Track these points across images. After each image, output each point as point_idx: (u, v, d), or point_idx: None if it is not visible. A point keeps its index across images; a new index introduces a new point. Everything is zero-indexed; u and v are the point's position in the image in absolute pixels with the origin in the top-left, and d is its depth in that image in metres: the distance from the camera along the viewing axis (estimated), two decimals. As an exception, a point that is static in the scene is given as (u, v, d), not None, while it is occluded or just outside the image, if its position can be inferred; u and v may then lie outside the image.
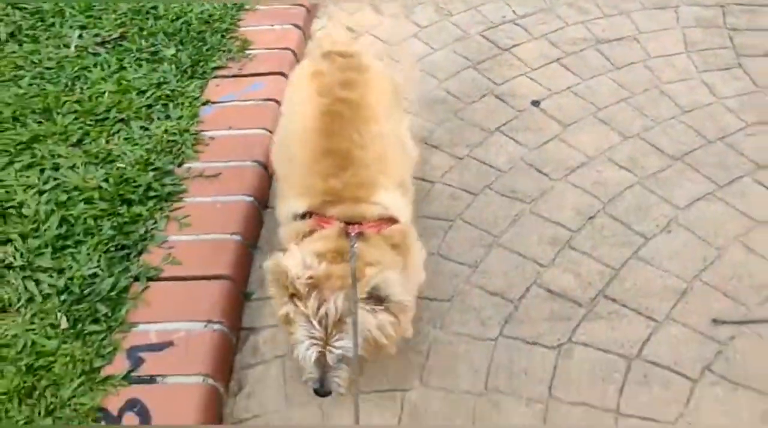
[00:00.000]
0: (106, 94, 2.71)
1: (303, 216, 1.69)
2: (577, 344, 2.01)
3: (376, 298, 1.50)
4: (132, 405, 1.80)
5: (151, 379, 1.86)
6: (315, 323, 1.47)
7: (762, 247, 2.20)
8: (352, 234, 1.60)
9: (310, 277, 1.48)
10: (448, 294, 2.16)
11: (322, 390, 1.58)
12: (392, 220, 1.70)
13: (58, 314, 1.98)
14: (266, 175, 2.50)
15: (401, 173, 1.86)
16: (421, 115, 2.77)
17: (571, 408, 1.87)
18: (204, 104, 2.71)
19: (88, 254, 2.14)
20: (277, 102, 2.72)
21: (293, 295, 1.49)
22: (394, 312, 1.53)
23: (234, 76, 2.85)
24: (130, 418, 1.78)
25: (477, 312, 2.11)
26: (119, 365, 1.89)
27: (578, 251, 2.25)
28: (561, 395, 1.90)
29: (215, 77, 2.84)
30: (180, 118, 2.64)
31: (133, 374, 1.87)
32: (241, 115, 2.66)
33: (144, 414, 1.78)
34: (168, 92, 2.74)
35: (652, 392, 1.89)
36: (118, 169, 2.41)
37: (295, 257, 1.50)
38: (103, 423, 1.77)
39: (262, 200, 2.43)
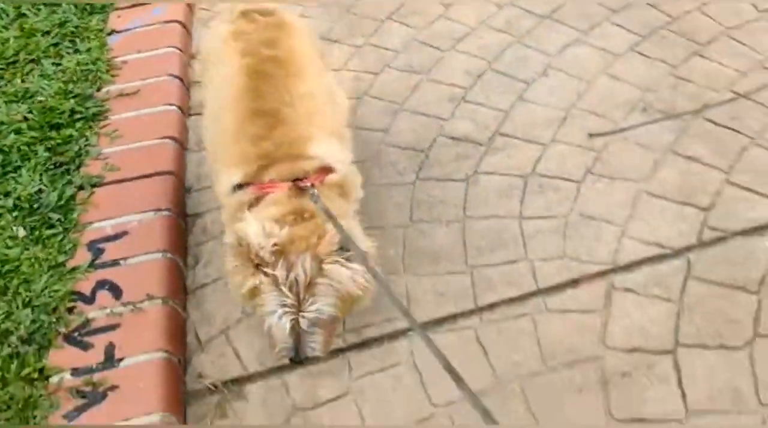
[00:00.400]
0: (11, 39, 2.78)
1: (241, 186, 1.63)
2: (481, 174, 2.34)
3: (345, 249, 1.48)
4: (102, 284, 2.00)
5: (114, 263, 2.06)
6: (286, 290, 1.43)
7: (622, 74, 2.58)
8: (308, 184, 1.58)
9: (275, 244, 1.44)
10: (366, 156, 2.44)
11: (298, 358, 1.52)
12: (330, 169, 1.68)
13: (14, 228, 2.13)
14: (183, 85, 2.67)
15: (333, 124, 1.80)
16: (319, 17, 2.99)
17: (483, 221, 2.21)
18: (109, 34, 2.83)
19: (30, 175, 2.27)
20: (179, 23, 2.88)
21: (258, 266, 1.45)
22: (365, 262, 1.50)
23: (133, 5, 2.97)
24: (104, 295, 1.98)
25: (394, 165, 2.40)
26: (82, 257, 2.07)
27: (473, 103, 2.57)
28: (473, 213, 2.23)
29: (115, 10, 2.95)
30: (89, 50, 2.75)
31: (97, 262, 2.06)
32: (148, 38, 2.80)
33: (116, 290, 1.99)
34: (72, 29, 2.84)
35: (546, 197, 2.24)
36: (39, 101, 2.52)
37: (255, 226, 1.46)
38: (79, 303, 1.96)
39: (185, 108, 2.61)
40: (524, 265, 2.08)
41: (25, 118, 2.45)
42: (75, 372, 1.82)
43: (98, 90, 2.59)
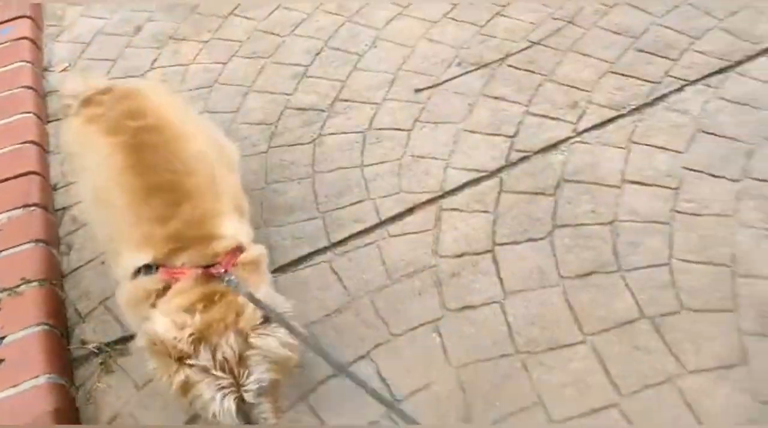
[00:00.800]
0: None
1: (148, 268, 1.54)
2: (326, 135, 2.64)
3: (267, 319, 1.45)
4: (-24, 278, 2.13)
5: (-13, 258, 2.19)
6: (218, 373, 1.38)
7: (439, 37, 2.96)
8: (222, 272, 1.52)
9: (191, 334, 1.38)
10: (221, 135, 2.68)
11: None
12: (241, 249, 1.62)
13: None
14: (38, 95, 2.81)
15: (233, 189, 1.78)
16: (165, 19, 3.21)
17: (330, 173, 2.50)
18: (-43, 57, 2.91)
19: None
20: (29, 39, 3.01)
21: (181, 359, 1.38)
22: (285, 324, 1.47)
23: (-22, 29, 3.06)
24: (-21, 288, 2.11)
25: (248, 138, 2.66)
26: (-46, 258, 2.18)
27: (314, 77, 2.87)
28: (321, 168, 2.52)
29: (-40, 34, 3.04)
30: (-62, 73, 2.83)
31: (-32, 260, 2.18)
32: (-2, 55, 2.92)
33: (-10, 281, 2.12)
34: None
35: (383, 146, 2.57)
36: None
37: (164, 322, 1.40)
38: (-43, 299, 2.08)
39: (42, 115, 2.75)
40: (368, 204, 2.39)
41: None
42: (-40, 355, 1.94)
43: (-50, 112, 2.68)
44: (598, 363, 1.91)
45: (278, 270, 2.23)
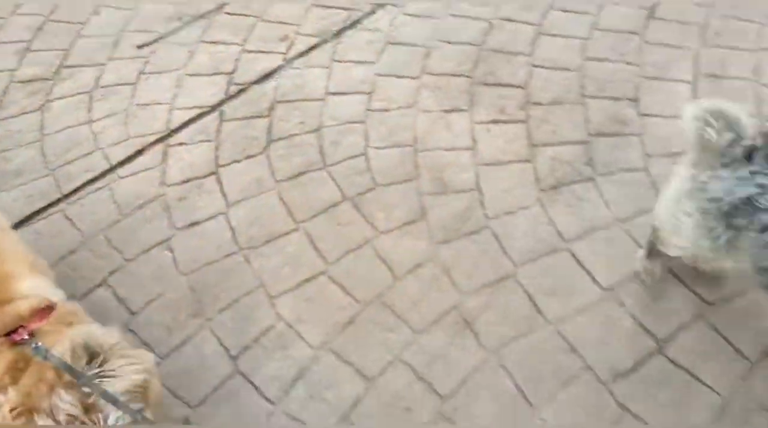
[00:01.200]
0: None
1: None
2: (53, 101, 2.73)
3: (94, 356, 1.33)
4: None
5: None
6: None
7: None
8: (25, 338, 1.39)
9: (13, 409, 1.27)
10: None
11: None
12: (51, 307, 1.53)
13: None
14: None
15: (27, 257, 1.70)
16: None
17: (59, 134, 2.60)
18: None
19: None
20: None
21: None
22: (122, 354, 1.37)
23: None
24: None
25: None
26: None
27: (37, 50, 2.93)
28: (50, 130, 2.62)
29: None
30: None
31: None
32: None
33: None
34: None
35: (110, 101, 2.70)
36: None
37: None
38: None
39: None
40: (97, 154, 2.52)
41: None
42: None
43: None
44: (309, 243, 2.21)
45: (12, 228, 2.30)
